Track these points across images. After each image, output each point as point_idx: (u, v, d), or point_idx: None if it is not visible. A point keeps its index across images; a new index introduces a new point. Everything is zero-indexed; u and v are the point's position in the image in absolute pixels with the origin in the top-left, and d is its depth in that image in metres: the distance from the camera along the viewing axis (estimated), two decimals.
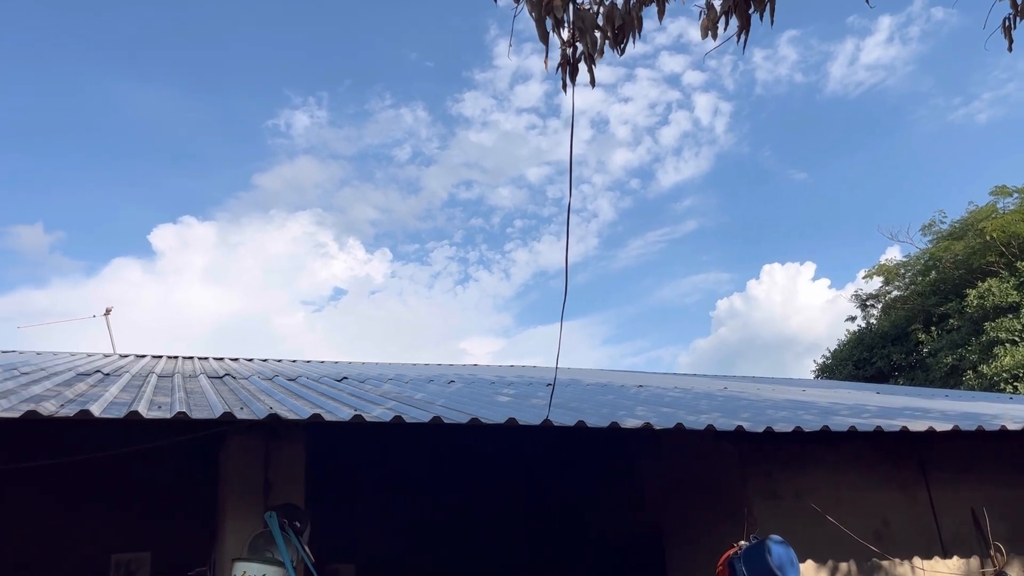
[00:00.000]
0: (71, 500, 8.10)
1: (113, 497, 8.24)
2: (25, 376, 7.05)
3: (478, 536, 9.93)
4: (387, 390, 7.34)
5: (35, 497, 7.97)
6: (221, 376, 8.08)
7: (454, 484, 9.98)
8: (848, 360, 27.41)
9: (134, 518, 8.40)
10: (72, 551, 8.22)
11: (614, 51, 3.63)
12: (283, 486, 5.67)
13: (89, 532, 8.27)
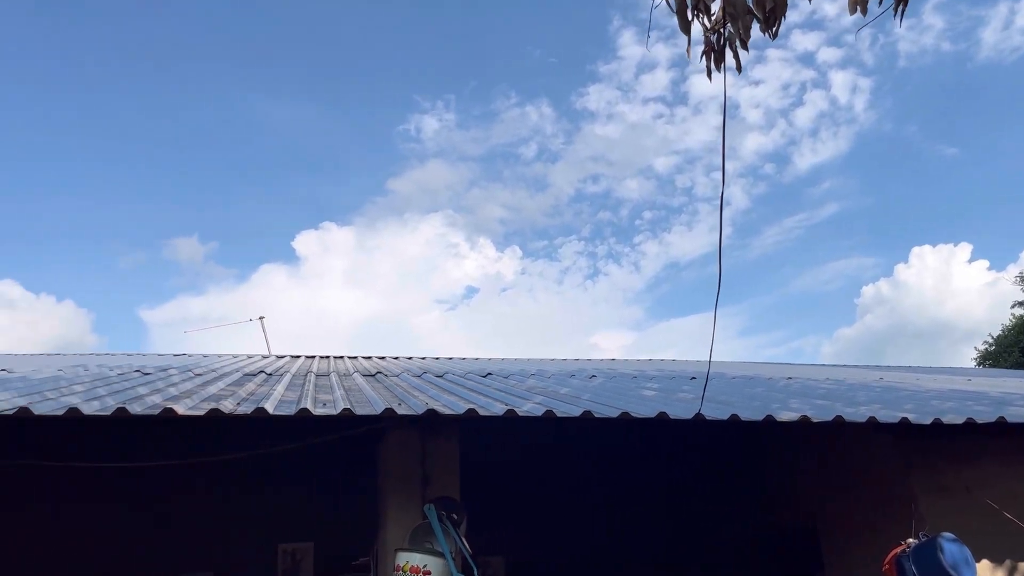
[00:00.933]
0: (241, 493, 8.66)
1: (278, 490, 8.76)
2: (199, 377, 7.62)
3: (621, 532, 9.91)
4: (532, 385, 7.44)
5: (206, 490, 8.57)
6: (374, 374, 8.44)
7: (597, 479, 9.99)
8: (1014, 347, 25.46)
9: (298, 510, 8.90)
10: (242, 540, 8.80)
11: (765, 34, 3.54)
12: (439, 479, 5.87)
13: (257, 523, 8.83)
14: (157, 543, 8.55)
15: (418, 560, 5.03)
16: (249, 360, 11.54)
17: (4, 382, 6.39)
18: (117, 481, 8.11)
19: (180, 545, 8.62)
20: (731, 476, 9.17)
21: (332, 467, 8.59)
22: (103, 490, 8.31)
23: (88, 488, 8.23)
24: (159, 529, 8.59)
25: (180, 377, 7.57)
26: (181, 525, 8.63)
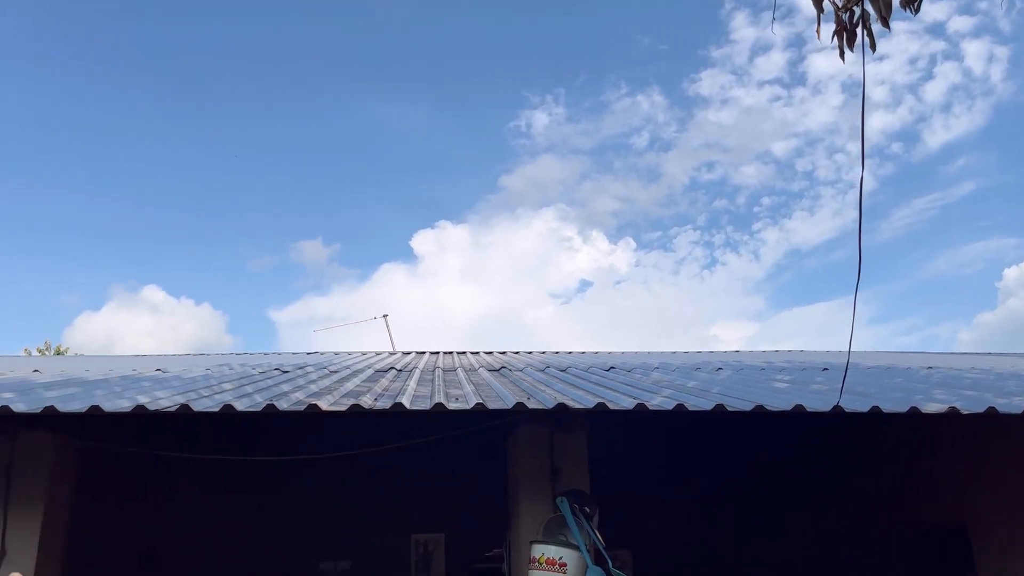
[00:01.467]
0: (376, 486, 8.99)
1: (411, 484, 9.04)
2: (335, 374, 7.95)
3: (750, 529, 9.69)
4: (658, 378, 7.38)
5: (344, 483, 8.94)
6: (498, 369, 8.57)
7: (723, 475, 9.81)
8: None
9: (429, 503, 9.16)
10: (378, 531, 9.14)
11: (906, 10, 3.39)
12: (568, 473, 5.91)
13: (391, 515, 9.15)
14: (298, 532, 9.00)
15: (553, 552, 5.08)
16: (377, 357, 11.93)
17: (161, 381, 6.87)
18: (261, 474, 8.59)
19: (320, 535, 9.05)
20: (864, 473, 8.80)
21: (461, 461, 8.78)
22: (250, 482, 8.82)
23: (237, 480, 8.75)
24: (300, 519, 9.04)
25: (317, 374, 7.91)
26: (320, 516, 9.05)
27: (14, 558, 5.50)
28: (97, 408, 4.75)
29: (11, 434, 5.57)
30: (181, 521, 8.96)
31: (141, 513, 8.81)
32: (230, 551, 8.82)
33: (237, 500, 8.97)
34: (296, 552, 8.93)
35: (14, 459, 5.62)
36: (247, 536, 8.91)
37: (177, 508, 8.97)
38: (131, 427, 5.92)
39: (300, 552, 8.95)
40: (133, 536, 8.69)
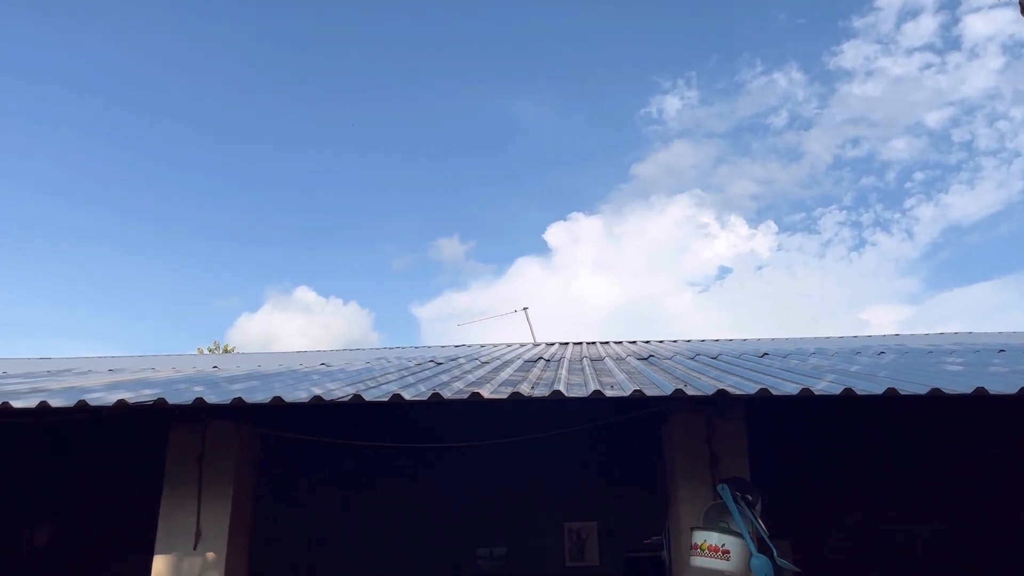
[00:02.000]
0: (530, 473, 9.15)
1: (563, 471, 9.15)
2: (487, 365, 8.17)
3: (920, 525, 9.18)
4: (817, 363, 7.13)
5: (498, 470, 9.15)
6: (647, 357, 8.53)
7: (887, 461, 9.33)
8: None
9: (582, 490, 9.24)
10: (532, 518, 9.31)
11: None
12: (728, 460, 5.83)
13: (544, 502, 9.29)
14: (456, 518, 9.29)
15: (716, 539, 5.04)
16: (522, 348, 12.14)
17: (329, 374, 7.29)
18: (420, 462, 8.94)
19: (476, 522, 9.31)
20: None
21: (612, 450, 8.82)
22: (410, 470, 9.19)
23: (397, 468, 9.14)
24: (457, 506, 9.33)
25: (470, 365, 8.16)
26: (477, 502, 9.31)
27: (208, 539, 6.00)
28: (279, 399, 5.11)
29: (202, 424, 6.07)
30: (347, 507, 9.45)
31: (311, 499, 9.35)
32: (391, 536, 9.23)
33: (399, 487, 9.35)
34: (454, 538, 9.23)
35: (205, 447, 6.13)
36: (407, 522, 9.29)
37: (343, 495, 9.47)
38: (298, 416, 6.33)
39: (457, 538, 9.24)
40: (304, 520, 9.25)
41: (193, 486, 6.06)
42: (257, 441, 6.49)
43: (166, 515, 6.06)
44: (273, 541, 7.74)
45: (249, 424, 6.22)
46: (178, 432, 6.16)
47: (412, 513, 9.33)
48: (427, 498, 9.36)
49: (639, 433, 7.53)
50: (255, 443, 6.48)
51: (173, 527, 6.01)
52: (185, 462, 6.12)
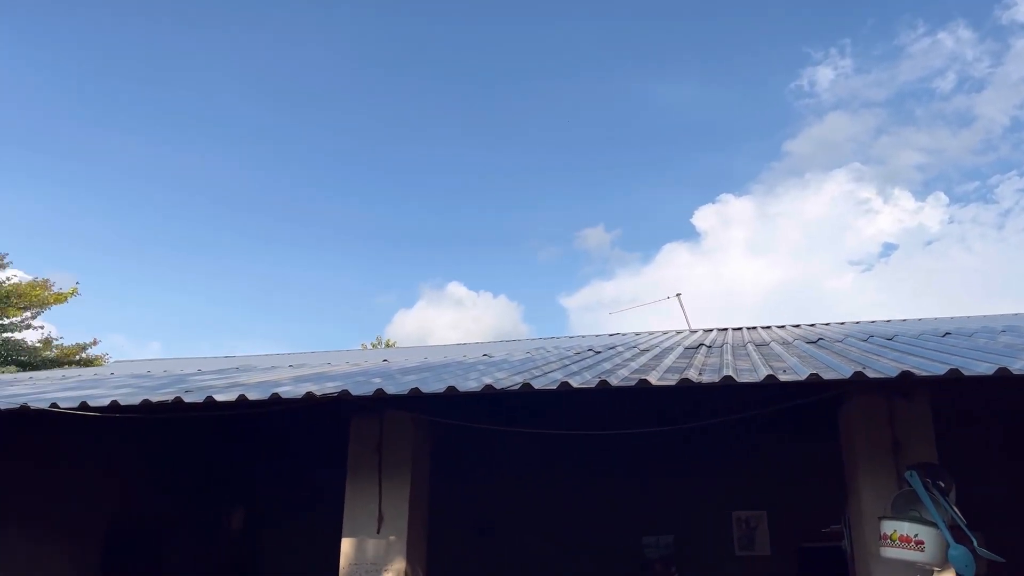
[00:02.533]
0: (697, 461, 9.02)
1: (731, 459, 8.97)
2: (647, 352, 8.12)
3: None
4: (1009, 342, 6.60)
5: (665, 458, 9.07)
6: (815, 341, 8.20)
7: None
8: None
9: (751, 478, 9.02)
10: (699, 507, 9.18)
11: None
12: (913, 445, 5.52)
13: (712, 491, 9.14)
14: (622, 506, 9.31)
15: (907, 529, 4.78)
16: (679, 335, 11.96)
17: (494, 364, 7.49)
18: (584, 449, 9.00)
19: (642, 510, 9.29)
20: None
21: (783, 436, 8.55)
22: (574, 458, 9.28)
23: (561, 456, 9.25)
24: (623, 494, 9.33)
25: (630, 353, 8.13)
26: (643, 490, 9.28)
27: (389, 522, 6.32)
28: (453, 388, 5.30)
29: (380, 414, 6.40)
30: (511, 494, 9.67)
31: (477, 486, 9.64)
32: (557, 522, 9.36)
33: (563, 475, 9.47)
34: (619, 526, 9.25)
35: (383, 436, 6.46)
36: (572, 509, 9.39)
37: (508, 482, 9.69)
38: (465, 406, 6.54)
39: (623, 526, 9.25)
40: (470, 506, 9.55)
41: (374, 473, 6.40)
42: (429, 429, 6.76)
43: (350, 500, 6.43)
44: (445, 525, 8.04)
45: (422, 413, 6.48)
46: (359, 422, 6.51)
47: (577, 500, 9.42)
48: (592, 486, 9.42)
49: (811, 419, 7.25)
50: (428, 431, 6.75)
51: (357, 511, 6.37)
52: (365, 450, 6.48)
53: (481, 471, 9.70)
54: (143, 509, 8.93)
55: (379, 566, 6.17)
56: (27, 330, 16.62)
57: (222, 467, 10.30)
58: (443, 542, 7.53)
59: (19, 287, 16.21)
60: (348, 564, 6.26)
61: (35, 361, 15.71)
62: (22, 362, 15.44)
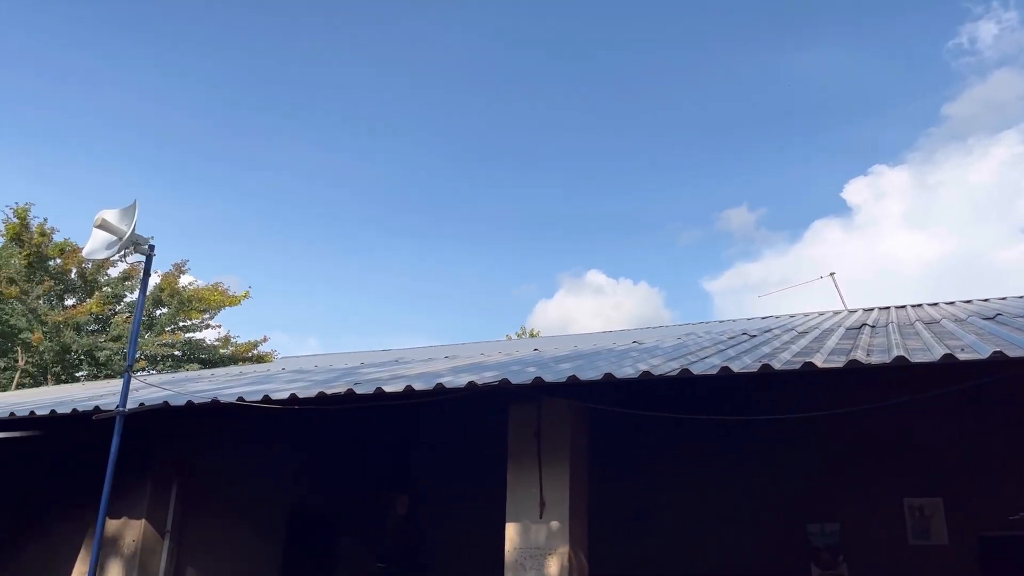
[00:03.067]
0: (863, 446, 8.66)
1: (902, 443, 8.55)
2: (806, 335, 7.85)
3: None
4: None
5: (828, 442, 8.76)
6: (992, 317, 7.67)
7: None
8: None
9: (920, 465, 8.56)
10: (867, 493, 8.79)
11: None
12: None
13: (881, 476, 8.73)
14: (785, 493, 9.06)
15: None
16: (838, 315, 11.48)
17: (647, 351, 7.48)
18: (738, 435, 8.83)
19: (807, 496, 9.00)
20: None
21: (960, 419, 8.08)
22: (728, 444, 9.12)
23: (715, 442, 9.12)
24: (786, 480, 9.09)
25: (787, 336, 7.90)
26: (807, 477, 9.00)
27: (551, 508, 6.45)
28: (610, 375, 5.35)
29: (537, 402, 6.53)
30: (668, 481, 9.61)
31: (634, 472, 9.65)
32: (715, 510, 9.24)
33: (721, 462, 9.34)
34: (782, 513, 9.02)
35: (541, 423, 6.59)
36: (732, 496, 9.23)
37: (665, 468, 9.65)
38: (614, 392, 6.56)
39: (786, 513, 9.01)
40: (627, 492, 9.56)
41: (533, 459, 6.54)
42: (586, 416, 6.84)
43: (512, 486, 6.61)
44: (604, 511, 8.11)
45: (577, 400, 6.56)
46: (517, 409, 6.68)
47: (736, 487, 9.26)
48: (752, 472, 9.23)
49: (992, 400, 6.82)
50: (584, 418, 6.83)
51: (519, 497, 6.54)
52: (524, 437, 6.63)
53: (638, 457, 9.70)
54: (319, 497, 9.53)
55: (544, 551, 6.32)
56: (206, 330, 18.10)
57: (387, 455, 10.82)
58: (602, 528, 7.60)
59: (199, 291, 17.65)
60: (513, 548, 6.45)
61: (213, 358, 17.06)
62: (203, 359, 16.80)
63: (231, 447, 8.26)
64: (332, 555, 9.86)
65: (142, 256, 6.83)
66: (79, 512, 7.45)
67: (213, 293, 17.76)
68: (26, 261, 16.04)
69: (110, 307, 16.91)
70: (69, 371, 15.99)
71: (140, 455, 7.16)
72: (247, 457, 8.48)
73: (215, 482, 8.04)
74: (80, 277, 17.00)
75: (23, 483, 7.87)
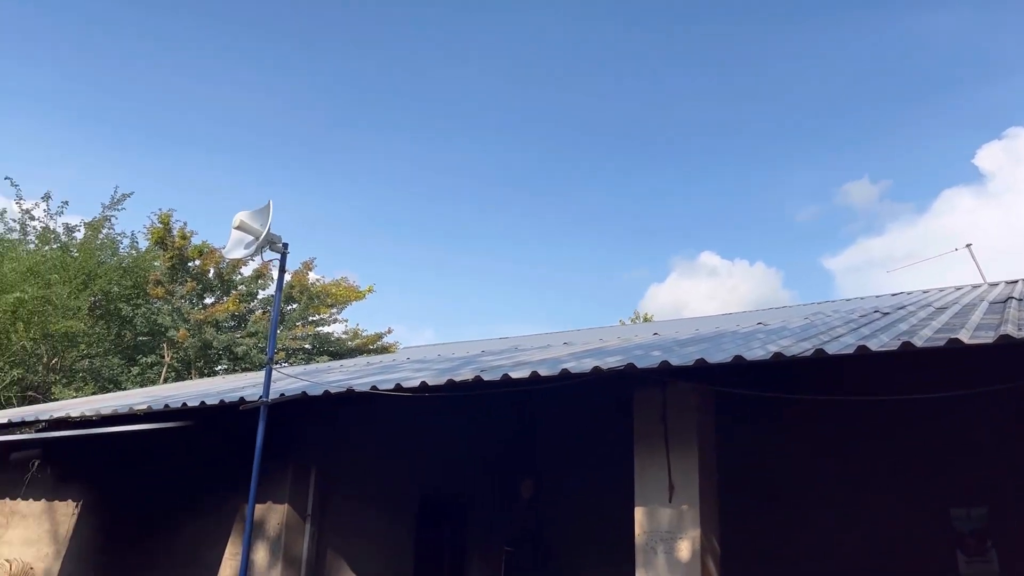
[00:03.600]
0: (1014, 424, 8.16)
1: None
2: (945, 311, 7.47)
3: None
4: None
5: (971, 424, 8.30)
6: None
7: None
8: None
9: None
10: (1019, 473, 8.28)
11: None
12: None
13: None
14: (927, 475, 8.65)
15: None
16: (979, 290, 10.84)
17: (775, 332, 7.31)
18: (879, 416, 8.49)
19: (951, 477, 8.57)
20: None
21: None
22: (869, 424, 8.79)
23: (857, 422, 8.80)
24: (928, 461, 8.68)
25: (924, 312, 7.54)
26: (951, 458, 8.56)
27: (680, 492, 6.41)
28: (740, 358, 5.26)
29: (662, 386, 6.50)
30: (798, 463, 9.34)
31: (762, 454, 9.44)
32: (848, 493, 8.92)
33: (854, 443, 9.02)
34: (924, 496, 8.62)
35: (666, 407, 6.55)
36: (865, 479, 8.90)
37: (795, 450, 9.39)
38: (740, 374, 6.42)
39: (928, 496, 8.61)
40: (756, 475, 9.36)
41: (660, 443, 6.52)
42: (712, 399, 6.75)
43: (640, 470, 6.61)
44: (733, 494, 7.97)
45: (703, 383, 6.48)
46: (642, 394, 6.66)
47: (871, 469, 8.91)
48: (888, 453, 8.86)
49: None
50: (710, 401, 6.74)
51: (647, 481, 6.53)
52: (650, 421, 6.62)
53: (766, 439, 9.49)
54: (448, 482, 9.80)
55: (674, 534, 6.29)
56: (334, 324, 18.86)
57: (511, 441, 10.99)
58: (732, 511, 7.48)
59: (327, 287, 18.43)
60: (643, 532, 6.45)
61: (342, 351, 17.76)
62: (332, 352, 17.52)
63: (365, 435, 8.59)
64: (462, 539, 10.12)
65: (277, 255, 7.21)
66: (226, 497, 7.93)
67: (340, 288, 18.49)
68: (169, 263, 17.16)
69: (245, 305, 17.86)
70: (210, 365, 17.02)
71: (281, 443, 7.56)
72: (379, 445, 8.80)
73: (350, 469, 8.38)
74: (217, 277, 18.04)
75: (178, 470, 8.45)
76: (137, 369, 16.37)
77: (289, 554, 7.64)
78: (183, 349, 16.31)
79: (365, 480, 8.60)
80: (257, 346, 16.37)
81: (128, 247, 18.17)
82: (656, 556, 6.32)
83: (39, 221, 17.61)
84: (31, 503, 9.19)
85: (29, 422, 8.90)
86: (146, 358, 16.80)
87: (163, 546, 8.22)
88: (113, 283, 16.64)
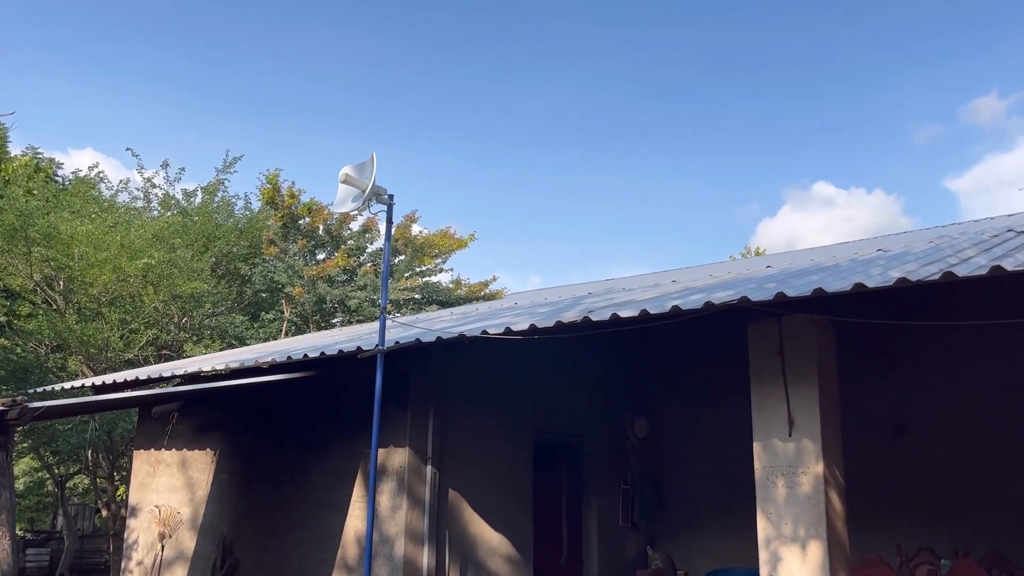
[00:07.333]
0: None
1: None
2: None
3: None
4: None
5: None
6: None
7: None
8: None
9: None
10: None
11: None
12: None
13: None
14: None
15: None
16: None
17: (897, 257, 6.95)
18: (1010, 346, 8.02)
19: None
20: None
21: None
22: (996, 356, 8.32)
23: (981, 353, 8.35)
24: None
25: None
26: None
27: (801, 426, 6.26)
28: (861, 285, 5.04)
29: (777, 318, 6.31)
30: (923, 395, 8.98)
31: (888, 386, 9.12)
32: (971, 428, 8.54)
33: (982, 376, 8.58)
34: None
35: (783, 340, 6.37)
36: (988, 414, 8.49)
37: (920, 382, 9.02)
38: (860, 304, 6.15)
39: None
40: (881, 407, 9.05)
41: (777, 377, 6.36)
42: (831, 330, 6.51)
43: (757, 405, 6.49)
44: (857, 427, 7.74)
45: (820, 314, 6.26)
46: (756, 327, 6.50)
47: (994, 404, 8.47)
48: (1014, 388, 8.37)
49: None
50: (831, 334, 6.51)
51: (766, 415, 6.41)
52: (766, 355, 6.46)
53: (890, 371, 9.15)
54: (563, 423, 9.90)
55: (795, 468, 6.17)
56: (440, 274, 19.17)
57: (624, 380, 11.00)
58: (856, 444, 7.28)
59: (431, 238, 18.71)
60: (763, 467, 6.36)
61: (450, 300, 18.07)
62: (440, 301, 17.85)
63: (478, 380, 8.76)
64: (578, 479, 10.25)
65: (383, 207, 7.34)
66: (351, 442, 8.27)
67: (443, 239, 18.73)
68: (281, 222, 17.78)
69: (355, 260, 18.37)
70: (326, 318, 17.66)
71: (398, 389, 7.79)
72: (493, 387, 8.95)
73: (466, 411, 8.58)
74: (327, 233, 18.59)
75: (305, 417, 8.87)
76: (259, 325, 17.17)
77: (412, 495, 7.92)
78: (300, 304, 16.97)
79: (481, 423, 8.79)
80: (368, 298, 16.85)
81: (242, 208, 18.94)
82: (776, 490, 6.23)
83: (160, 188, 18.54)
84: (173, 453, 9.85)
85: (167, 377, 9.49)
86: (267, 314, 17.59)
87: (295, 489, 8.68)
88: (231, 244, 17.42)
